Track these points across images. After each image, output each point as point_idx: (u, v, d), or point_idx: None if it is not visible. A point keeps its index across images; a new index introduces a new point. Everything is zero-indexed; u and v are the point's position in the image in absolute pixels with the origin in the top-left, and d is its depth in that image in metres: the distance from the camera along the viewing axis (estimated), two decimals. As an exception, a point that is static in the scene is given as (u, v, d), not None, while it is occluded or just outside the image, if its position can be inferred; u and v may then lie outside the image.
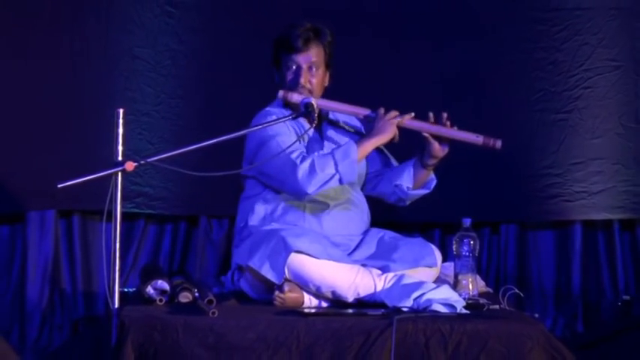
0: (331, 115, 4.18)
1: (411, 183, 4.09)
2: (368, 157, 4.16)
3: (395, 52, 4.91)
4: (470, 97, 4.88)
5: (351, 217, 4.11)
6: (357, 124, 4.21)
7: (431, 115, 4.00)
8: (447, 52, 4.91)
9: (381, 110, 4.00)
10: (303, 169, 3.89)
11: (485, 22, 4.93)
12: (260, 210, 4.07)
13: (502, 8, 4.93)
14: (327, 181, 3.90)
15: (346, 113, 4.14)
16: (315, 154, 3.95)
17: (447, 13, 4.92)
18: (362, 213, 4.16)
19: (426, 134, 4.01)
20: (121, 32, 4.81)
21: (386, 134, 3.98)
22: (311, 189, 3.90)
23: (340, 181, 3.91)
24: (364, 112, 4.06)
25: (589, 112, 4.91)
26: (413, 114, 4.00)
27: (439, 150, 4.02)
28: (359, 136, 4.10)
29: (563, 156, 4.91)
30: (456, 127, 4.01)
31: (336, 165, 3.89)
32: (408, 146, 4.08)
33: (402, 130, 4.01)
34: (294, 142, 3.91)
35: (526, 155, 4.91)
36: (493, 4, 4.94)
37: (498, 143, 3.96)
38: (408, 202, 4.18)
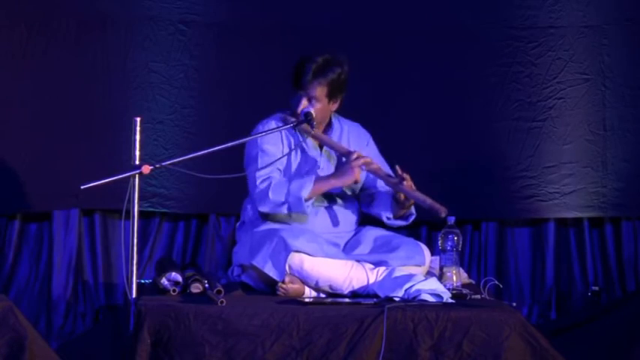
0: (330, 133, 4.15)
1: (390, 214, 4.06)
2: (367, 172, 4.09)
3: (385, 67, 4.89)
4: (454, 107, 4.87)
5: (339, 216, 4.08)
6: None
7: (397, 167, 3.91)
8: (434, 66, 4.90)
9: (353, 155, 3.93)
10: (259, 189, 3.92)
11: (468, 38, 4.92)
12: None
13: (483, 27, 4.93)
14: (276, 206, 3.90)
15: (331, 147, 4.07)
16: (276, 177, 3.93)
17: (433, 31, 4.91)
18: (350, 212, 4.11)
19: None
20: (138, 49, 4.80)
21: (346, 178, 3.93)
22: (263, 209, 3.94)
23: (289, 209, 3.90)
24: (343, 150, 3.99)
25: (561, 121, 4.91)
26: (378, 165, 3.95)
27: (402, 201, 3.97)
28: (345, 157, 4.00)
29: (538, 160, 4.90)
30: (413, 187, 3.89)
31: (287, 195, 3.89)
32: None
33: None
34: (276, 160, 3.91)
35: (504, 159, 4.90)
36: (475, 23, 4.92)
37: (443, 211, 3.76)
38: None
